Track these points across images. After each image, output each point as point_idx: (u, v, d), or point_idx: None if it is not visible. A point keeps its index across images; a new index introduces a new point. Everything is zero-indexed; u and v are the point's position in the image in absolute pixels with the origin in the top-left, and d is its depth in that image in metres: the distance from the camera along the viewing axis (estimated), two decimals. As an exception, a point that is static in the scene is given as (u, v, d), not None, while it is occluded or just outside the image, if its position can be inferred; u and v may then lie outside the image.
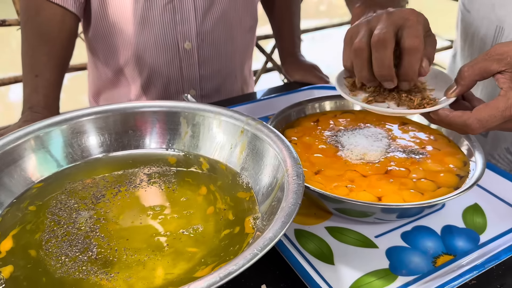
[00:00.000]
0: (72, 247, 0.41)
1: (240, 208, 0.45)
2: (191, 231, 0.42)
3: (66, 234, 0.42)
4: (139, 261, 0.39)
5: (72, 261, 0.39)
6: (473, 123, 0.43)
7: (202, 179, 0.50)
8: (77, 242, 0.41)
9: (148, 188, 0.48)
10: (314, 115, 0.63)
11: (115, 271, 0.38)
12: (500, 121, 0.43)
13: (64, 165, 0.51)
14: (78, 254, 0.40)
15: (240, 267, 0.31)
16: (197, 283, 0.30)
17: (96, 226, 0.43)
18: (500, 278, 0.43)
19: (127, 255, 0.40)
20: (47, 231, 0.42)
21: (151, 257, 0.39)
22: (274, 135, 0.48)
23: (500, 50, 0.43)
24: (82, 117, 0.53)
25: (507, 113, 0.42)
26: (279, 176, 0.44)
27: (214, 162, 0.52)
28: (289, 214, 0.36)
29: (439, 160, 0.52)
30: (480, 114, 0.43)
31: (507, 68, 0.43)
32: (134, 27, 0.79)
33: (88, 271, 0.38)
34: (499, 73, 0.43)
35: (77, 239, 0.41)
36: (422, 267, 0.44)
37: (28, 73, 0.73)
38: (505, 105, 0.42)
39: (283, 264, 0.44)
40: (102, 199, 0.47)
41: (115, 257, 0.39)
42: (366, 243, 0.47)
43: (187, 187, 0.48)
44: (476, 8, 0.68)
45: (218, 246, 0.41)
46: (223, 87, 0.91)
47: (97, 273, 0.38)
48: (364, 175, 0.50)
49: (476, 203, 0.53)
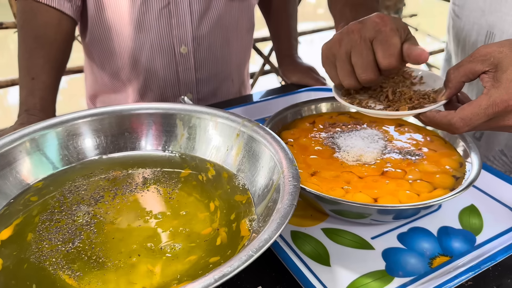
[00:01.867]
0: (59, 235, 0.41)
1: (237, 212, 0.45)
2: (184, 236, 0.42)
3: (60, 221, 0.43)
4: (120, 265, 0.39)
5: (50, 248, 0.40)
6: (457, 122, 0.44)
7: (201, 185, 0.50)
8: (66, 232, 0.42)
9: (143, 192, 0.48)
10: (310, 116, 0.63)
11: (86, 269, 0.38)
12: (484, 119, 0.43)
13: (60, 167, 0.51)
14: (59, 243, 0.40)
15: (235, 268, 0.31)
16: (192, 284, 0.30)
17: (92, 221, 0.43)
18: (497, 279, 0.43)
19: (110, 257, 0.39)
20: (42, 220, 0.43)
21: (136, 260, 0.39)
22: (270, 137, 0.48)
23: (484, 51, 0.44)
24: (78, 119, 0.53)
25: (490, 111, 0.42)
26: (275, 177, 0.44)
27: (220, 168, 0.51)
28: (284, 216, 0.36)
29: (435, 161, 0.53)
30: (463, 113, 0.44)
31: (490, 68, 0.43)
32: (130, 31, 0.79)
33: (58, 263, 0.39)
34: (483, 73, 0.44)
35: (68, 228, 0.42)
36: (419, 268, 0.44)
37: (24, 76, 0.73)
38: (487, 103, 0.42)
39: (279, 266, 0.44)
40: (101, 200, 0.46)
41: (95, 256, 0.39)
42: (362, 244, 0.47)
43: (185, 190, 0.48)
44: (466, 15, 0.68)
45: (213, 249, 0.41)
46: (220, 90, 0.91)
47: (64, 268, 0.38)
48: (360, 177, 0.50)
49: (473, 204, 0.53)
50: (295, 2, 1.02)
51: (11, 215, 0.45)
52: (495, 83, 0.43)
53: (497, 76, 0.43)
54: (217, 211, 0.45)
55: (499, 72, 0.43)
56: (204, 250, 0.40)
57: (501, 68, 0.43)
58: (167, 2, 0.77)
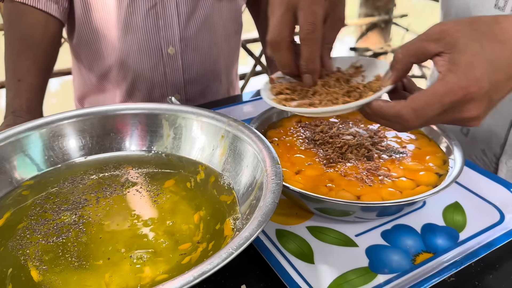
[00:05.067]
0: (43, 226, 0.42)
1: (222, 215, 0.45)
2: (167, 237, 0.42)
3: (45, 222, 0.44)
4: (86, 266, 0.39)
5: (28, 238, 0.41)
6: (408, 113, 0.37)
7: (188, 190, 0.50)
8: (52, 226, 0.43)
9: (128, 194, 0.48)
10: (296, 116, 0.64)
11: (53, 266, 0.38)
12: (439, 110, 0.37)
13: (44, 168, 0.51)
14: (39, 237, 0.41)
15: (215, 266, 0.31)
16: (171, 282, 0.30)
17: (75, 223, 0.44)
18: (479, 275, 0.44)
19: (82, 258, 0.40)
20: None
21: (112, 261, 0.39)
22: (255, 136, 0.48)
23: (438, 29, 0.38)
24: (63, 120, 0.53)
25: (447, 100, 0.36)
26: (259, 176, 0.44)
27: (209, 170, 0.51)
28: (266, 214, 0.36)
29: (419, 159, 0.53)
30: (415, 102, 0.37)
31: (445, 49, 0.37)
32: (117, 32, 0.79)
33: (30, 254, 0.39)
34: (437, 55, 0.38)
35: (55, 225, 0.43)
36: (402, 265, 0.44)
37: (11, 77, 0.72)
38: (444, 90, 0.36)
39: (263, 264, 0.44)
40: (86, 203, 0.46)
41: (68, 255, 0.40)
42: (346, 242, 0.47)
43: (169, 191, 0.48)
44: (454, 12, 0.69)
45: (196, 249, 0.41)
46: (208, 91, 0.91)
47: (34, 260, 0.39)
48: (344, 175, 0.50)
49: (457, 201, 0.53)
50: None
51: (0, 211, 0.45)
52: (452, 66, 0.36)
53: (454, 58, 0.36)
54: (201, 223, 0.44)
55: (456, 54, 0.36)
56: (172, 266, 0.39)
57: (459, 49, 0.36)
58: (153, 3, 0.77)
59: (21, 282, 0.37)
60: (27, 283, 0.37)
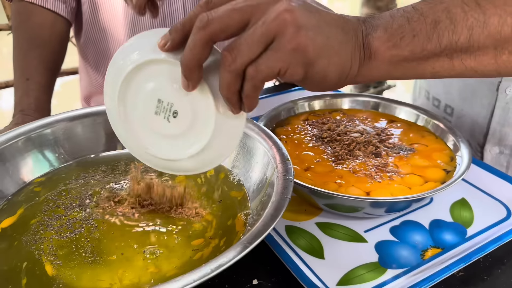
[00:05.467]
0: (55, 222, 0.43)
1: (232, 210, 0.45)
2: (179, 233, 0.43)
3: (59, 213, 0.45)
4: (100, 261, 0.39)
5: (42, 234, 0.42)
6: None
7: (195, 179, 0.50)
8: (64, 222, 0.43)
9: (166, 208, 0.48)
10: (303, 113, 0.64)
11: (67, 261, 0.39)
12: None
13: (56, 165, 0.52)
14: (52, 232, 0.42)
15: (231, 259, 0.32)
16: (189, 275, 0.30)
17: (90, 218, 0.44)
18: (487, 270, 0.44)
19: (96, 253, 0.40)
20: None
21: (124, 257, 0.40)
22: (264, 133, 0.49)
23: None
24: (74, 118, 0.53)
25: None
26: (269, 172, 0.45)
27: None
28: (278, 208, 0.37)
29: (426, 156, 0.54)
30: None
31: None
32: (124, 32, 0.79)
33: (45, 249, 0.40)
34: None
35: (67, 221, 0.44)
36: (411, 260, 0.45)
37: (19, 76, 0.73)
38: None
39: (274, 259, 0.45)
40: (97, 199, 0.47)
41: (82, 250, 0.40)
42: (355, 237, 0.47)
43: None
44: None
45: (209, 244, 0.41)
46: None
47: (48, 254, 0.40)
48: (353, 172, 0.51)
49: (463, 197, 0.54)
50: None
51: (13, 207, 0.46)
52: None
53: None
54: (213, 220, 0.45)
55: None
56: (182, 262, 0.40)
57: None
58: (161, 3, 0.78)
59: (35, 276, 0.38)
60: (41, 277, 0.38)
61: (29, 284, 0.37)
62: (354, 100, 0.66)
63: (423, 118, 0.61)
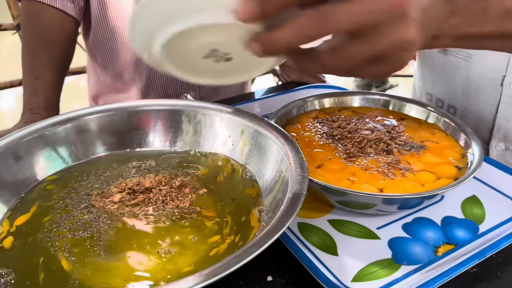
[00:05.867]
0: (67, 221, 0.43)
1: (247, 208, 0.45)
2: (195, 230, 0.43)
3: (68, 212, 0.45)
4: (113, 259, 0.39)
5: (56, 232, 0.42)
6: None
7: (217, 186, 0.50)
8: (75, 221, 0.43)
9: (154, 188, 0.48)
10: (313, 111, 0.64)
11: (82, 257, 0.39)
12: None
13: (68, 163, 0.52)
14: (65, 231, 0.42)
15: (250, 254, 0.32)
16: (213, 268, 0.30)
17: (102, 215, 0.44)
18: (500, 266, 0.44)
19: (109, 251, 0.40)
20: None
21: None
22: (276, 130, 0.49)
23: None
24: (86, 116, 0.54)
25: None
26: (283, 169, 0.45)
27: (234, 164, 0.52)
28: (295, 204, 0.37)
29: (438, 153, 0.54)
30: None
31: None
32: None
33: (60, 246, 0.40)
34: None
35: (78, 220, 0.44)
36: (425, 256, 0.45)
37: (28, 75, 0.73)
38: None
39: (287, 256, 0.45)
40: (111, 197, 0.47)
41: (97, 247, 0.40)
42: (368, 234, 0.47)
43: (194, 185, 0.49)
44: None
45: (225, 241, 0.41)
46: (221, 87, 0.92)
47: (63, 251, 0.40)
48: (365, 169, 0.51)
49: (474, 194, 0.54)
50: None
51: (27, 205, 0.46)
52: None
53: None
54: (228, 217, 0.45)
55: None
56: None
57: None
58: None
59: (52, 271, 0.38)
60: (58, 272, 0.38)
61: (47, 279, 0.37)
62: (364, 98, 0.66)
63: (433, 115, 0.61)
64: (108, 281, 0.37)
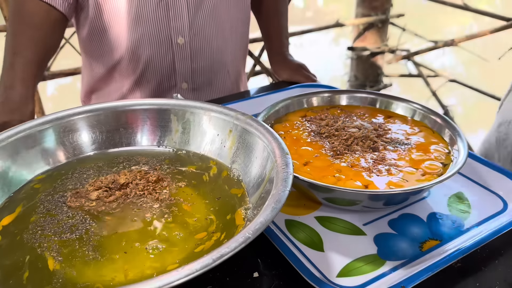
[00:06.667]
0: (52, 225, 0.43)
1: (232, 207, 0.46)
2: (181, 229, 0.43)
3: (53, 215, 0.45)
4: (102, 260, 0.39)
5: (44, 235, 0.42)
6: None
7: (197, 178, 0.50)
8: (64, 222, 0.43)
9: (140, 186, 0.48)
10: (302, 110, 0.65)
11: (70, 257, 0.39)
12: None
13: (56, 162, 0.52)
14: (50, 234, 0.42)
15: (232, 249, 0.32)
16: (191, 265, 0.31)
17: (88, 218, 0.44)
18: (484, 261, 0.45)
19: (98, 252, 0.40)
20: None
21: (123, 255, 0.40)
22: (263, 128, 0.49)
23: None
24: (74, 116, 0.54)
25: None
26: (269, 167, 0.45)
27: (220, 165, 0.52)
28: (279, 200, 0.37)
29: (423, 150, 0.54)
30: None
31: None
32: (128, 24, 0.80)
33: (48, 247, 0.40)
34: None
35: (67, 219, 0.44)
36: (409, 252, 0.45)
37: (7, 52, 0.74)
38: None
39: (274, 252, 0.45)
40: (100, 197, 0.47)
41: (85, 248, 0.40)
42: (354, 230, 0.48)
43: (182, 185, 0.49)
44: None
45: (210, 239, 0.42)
46: (215, 81, 0.92)
47: (51, 251, 0.40)
48: (351, 166, 0.51)
49: (460, 191, 0.54)
50: (286, 1, 1.04)
51: (13, 204, 0.46)
52: None
53: None
54: (213, 216, 0.45)
55: None
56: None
57: None
58: None
59: (37, 269, 0.38)
60: (43, 270, 0.38)
61: (31, 277, 0.37)
62: (351, 97, 0.67)
63: (419, 113, 0.62)
64: (96, 280, 0.37)
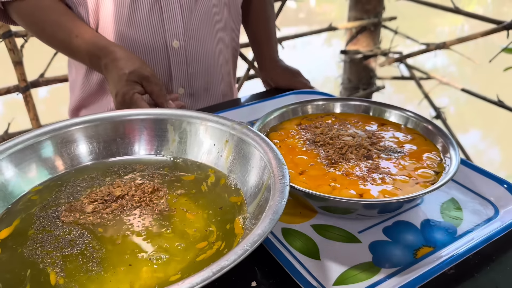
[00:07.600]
0: (52, 240, 0.43)
1: (232, 215, 0.46)
2: (182, 239, 0.44)
3: (49, 231, 0.44)
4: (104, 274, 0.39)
5: (44, 250, 0.42)
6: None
7: (196, 187, 0.51)
8: (62, 237, 0.43)
9: (139, 197, 0.49)
10: (297, 118, 0.66)
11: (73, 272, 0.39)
12: None
13: (54, 173, 0.52)
14: (51, 250, 0.42)
15: (232, 262, 0.33)
16: (191, 278, 0.31)
17: (85, 232, 0.44)
18: (477, 267, 0.46)
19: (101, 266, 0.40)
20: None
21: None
22: (259, 138, 0.50)
23: None
24: (71, 126, 0.54)
25: None
26: (265, 177, 0.46)
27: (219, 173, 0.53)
28: (276, 212, 0.38)
29: (416, 158, 0.55)
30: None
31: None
32: (121, 28, 0.79)
33: (51, 260, 0.40)
34: None
35: (62, 237, 0.43)
36: (404, 259, 0.46)
37: (73, 47, 0.74)
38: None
39: (271, 261, 0.46)
40: (98, 209, 0.47)
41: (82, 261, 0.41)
42: (350, 238, 0.49)
43: (185, 200, 0.49)
44: None
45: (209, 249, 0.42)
46: (211, 85, 0.91)
47: (55, 266, 0.40)
48: (346, 174, 0.52)
49: (453, 197, 0.55)
50: (273, 6, 1.04)
51: (11, 217, 0.46)
52: None
53: None
54: (212, 225, 0.45)
55: None
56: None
57: None
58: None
59: (39, 283, 0.38)
60: (45, 285, 0.38)
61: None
62: (345, 104, 0.68)
63: (412, 121, 0.63)
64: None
